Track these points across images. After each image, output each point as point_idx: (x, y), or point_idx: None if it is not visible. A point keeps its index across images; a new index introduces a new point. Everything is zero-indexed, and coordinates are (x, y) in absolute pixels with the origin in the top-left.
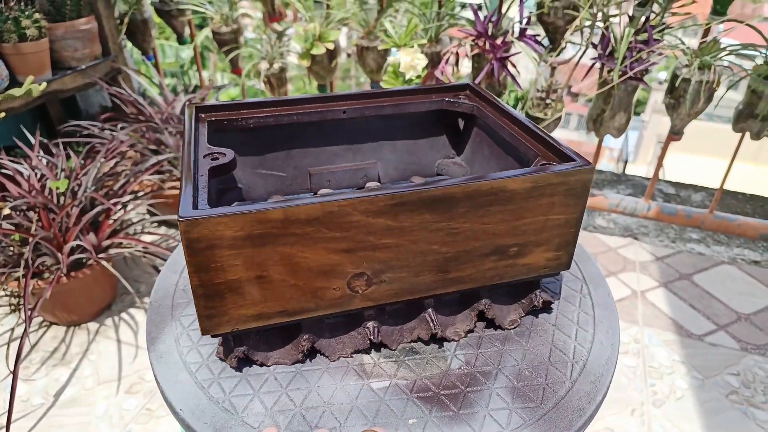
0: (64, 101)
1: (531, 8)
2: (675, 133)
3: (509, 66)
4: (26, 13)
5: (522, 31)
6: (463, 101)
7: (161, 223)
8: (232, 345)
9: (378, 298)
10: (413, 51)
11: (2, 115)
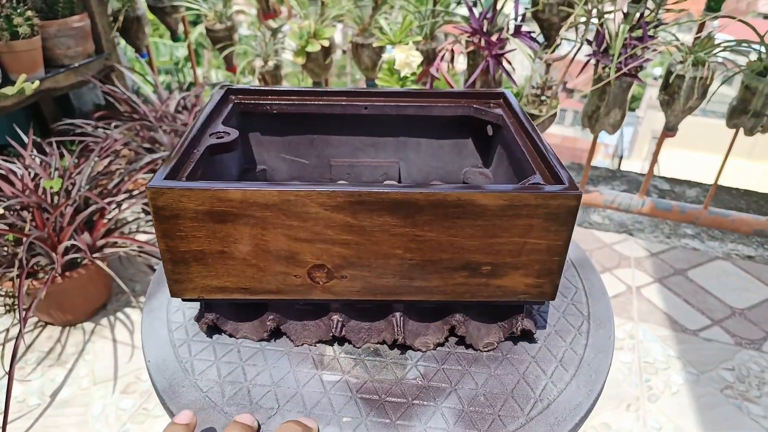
0: (57, 99)
1: (526, 5)
2: (669, 130)
3: (504, 63)
4: (18, 10)
5: (517, 27)
6: (492, 110)
7: None
8: (204, 311)
9: (339, 293)
10: (408, 48)
11: None
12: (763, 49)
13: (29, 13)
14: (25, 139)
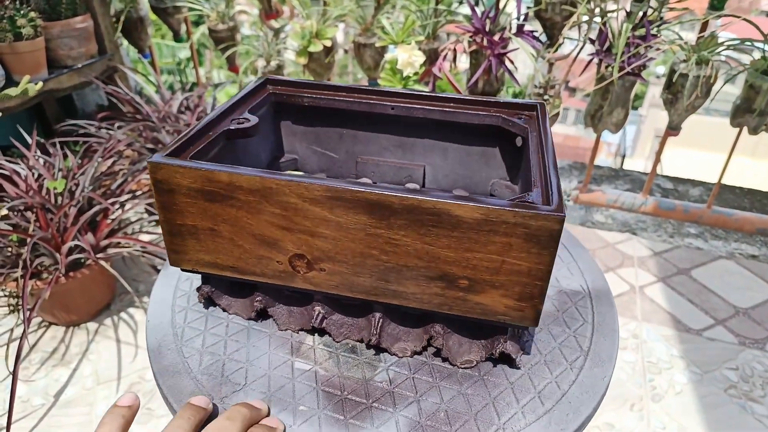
0: (60, 100)
1: (528, 4)
2: (673, 128)
3: (507, 62)
4: (22, 12)
5: (519, 27)
6: (519, 122)
7: (159, 223)
8: (202, 283)
9: (319, 284)
10: (411, 48)
11: None
12: (766, 48)
13: (32, 14)
14: (29, 140)
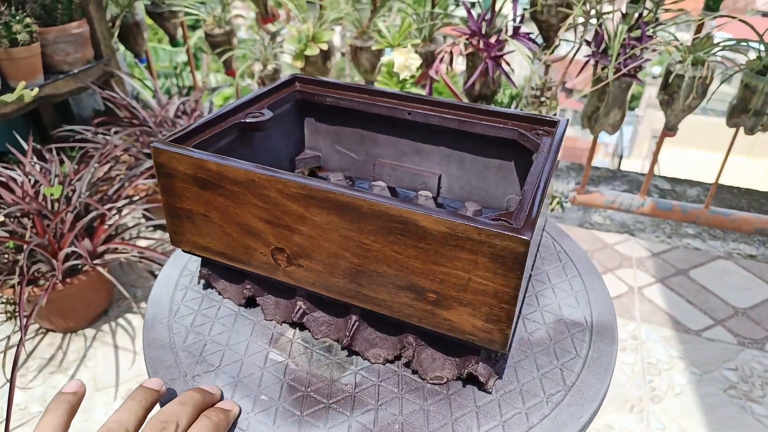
0: (56, 106)
1: (524, 6)
2: (669, 129)
3: (503, 64)
4: (17, 17)
5: (515, 29)
6: (535, 138)
7: (157, 228)
8: (201, 265)
9: (298, 280)
10: (407, 51)
11: None
12: (762, 48)
13: (28, 20)
14: (25, 146)
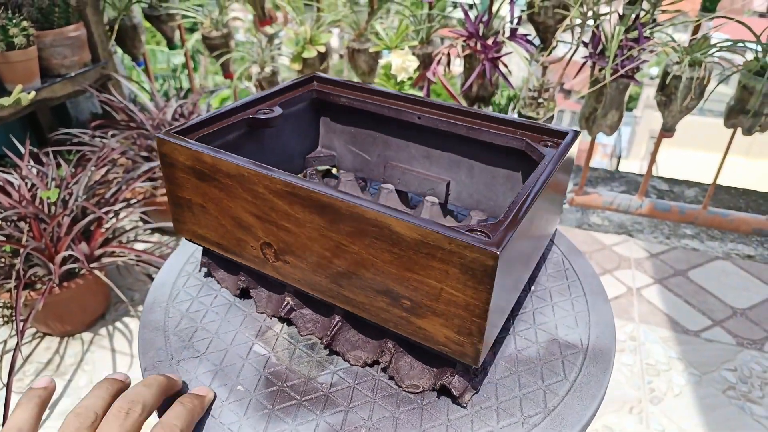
0: (54, 109)
1: (521, 8)
2: (667, 130)
3: (501, 66)
4: (14, 21)
5: (513, 30)
6: (542, 148)
7: (154, 231)
8: (203, 254)
9: (285, 276)
10: (404, 53)
11: None
12: (759, 49)
13: (25, 23)
14: (22, 149)
